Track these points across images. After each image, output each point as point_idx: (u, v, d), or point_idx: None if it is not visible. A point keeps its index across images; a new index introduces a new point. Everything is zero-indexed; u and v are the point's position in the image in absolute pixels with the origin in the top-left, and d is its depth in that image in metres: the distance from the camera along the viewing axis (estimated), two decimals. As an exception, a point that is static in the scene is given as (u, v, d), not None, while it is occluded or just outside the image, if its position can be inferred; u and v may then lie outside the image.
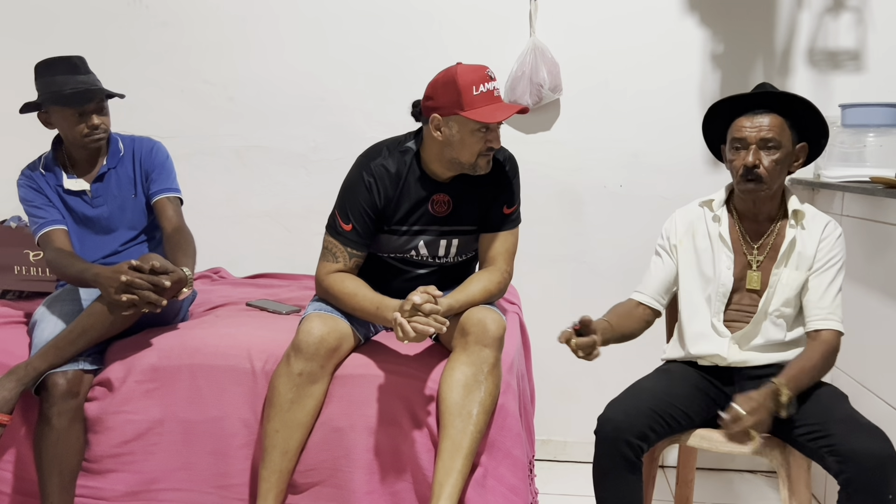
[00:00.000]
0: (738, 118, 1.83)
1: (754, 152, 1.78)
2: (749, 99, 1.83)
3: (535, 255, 2.72)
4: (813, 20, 2.58)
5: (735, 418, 1.66)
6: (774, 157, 1.78)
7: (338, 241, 1.94)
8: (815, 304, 1.81)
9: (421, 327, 1.71)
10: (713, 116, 1.91)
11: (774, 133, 1.78)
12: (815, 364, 1.76)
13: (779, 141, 1.78)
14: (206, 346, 1.99)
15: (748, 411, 1.65)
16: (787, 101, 1.81)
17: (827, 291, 1.81)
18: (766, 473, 2.72)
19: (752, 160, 1.77)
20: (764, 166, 1.78)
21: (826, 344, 1.78)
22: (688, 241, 1.94)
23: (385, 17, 2.72)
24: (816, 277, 1.83)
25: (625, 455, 1.67)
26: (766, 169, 1.78)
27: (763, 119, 1.79)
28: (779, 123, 1.79)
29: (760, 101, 1.82)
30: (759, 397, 1.67)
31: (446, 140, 1.86)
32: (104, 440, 1.94)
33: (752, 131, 1.79)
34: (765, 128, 1.78)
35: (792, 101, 1.80)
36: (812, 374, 1.75)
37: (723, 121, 1.88)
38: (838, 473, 1.59)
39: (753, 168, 1.78)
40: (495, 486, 1.83)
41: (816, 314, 1.81)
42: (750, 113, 1.81)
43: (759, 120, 1.79)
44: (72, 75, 2.05)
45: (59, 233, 2.10)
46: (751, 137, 1.78)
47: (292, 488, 1.89)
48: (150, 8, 2.79)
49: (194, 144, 2.82)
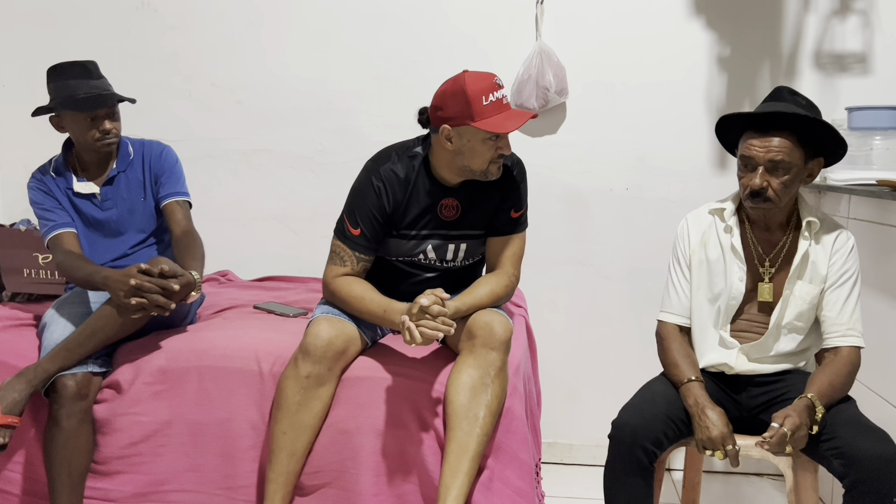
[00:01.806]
0: (749, 133, 1.76)
1: (762, 174, 1.72)
2: (761, 117, 1.76)
3: (542, 258, 2.72)
4: (819, 23, 2.57)
5: (781, 439, 1.60)
6: (783, 179, 1.72)
7: (346, 244, 1.94)
8: (833, 320, 1.79)
9: (428, 331, 1.71)
10: (726, 124, 1.84)
11: (784, 155, 1.71)
12: (843, 380, 1.73)
13: (788, 163, 1.71)
14: (214, 349, 2.00)
15: (791, 429, 1.60)
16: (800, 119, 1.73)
17: (845, 306, 1.79)
18: (772, 476, 2.72)
19: (760, 183, 1.72)
20: (772, 188, 1.73)
21: (850, 362, 1.76)
22: (700, 252, 1.90)
23: (392, 21, 2.73)
24: (832, 293, 1.80)
25: (639, 460, 1.67)
26: (774, 191, 1.73)
27: (773, 139, 1.71)
28: (789, 144, 1.71)
29: (772, 119, 1.74)
30: (797, 415, 1.62)
31: (457, 149, 1.86)
32: (113, 442, 1.95)
33: (760, 151, 1.72)
34: (774, 149, 1.71)
35: (805, 122, 1.72)
36: (841, 390, 1.73)
37: (737, 125, 1.82)
38: (843, 476, 1.58)
39: (760, 191, 1.74)
40: (501, 489, 1.83)
41: (835, 330, 1.79)
42: (760, 131, 1.74)
43: (769, 140, 1.71)
44: (84, 80, 2.07)
45: (69, 236, 2.12)
46: (759, 158, 1.72)
47: (299, 490, 1.90)
48: (159, 12, 2.81)
49: (202, 148, 2.83)
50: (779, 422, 1.62)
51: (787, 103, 1.77)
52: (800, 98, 1.78)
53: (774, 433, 1.61)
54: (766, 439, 1.62)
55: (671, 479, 2.68)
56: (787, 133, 1.72)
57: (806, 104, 1.77)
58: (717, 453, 1.68)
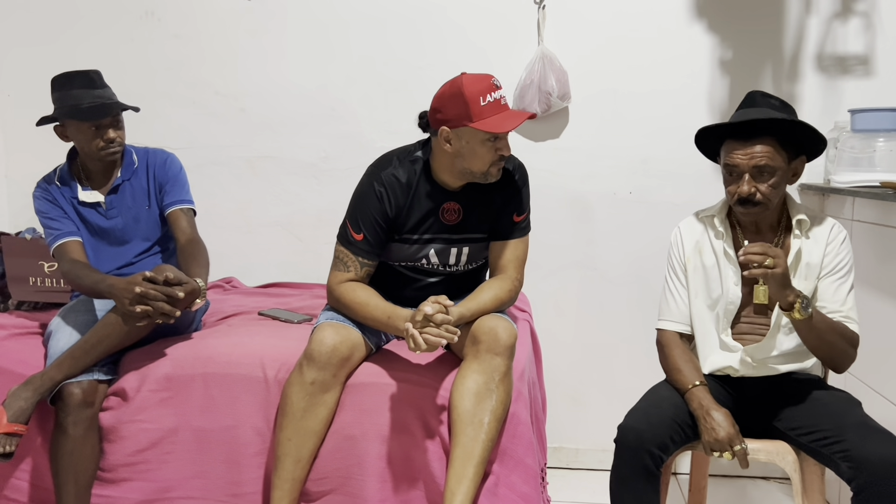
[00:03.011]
0: (730, 143, 1.77)
1: (748, 181, 1.73)
2: (736, 126, 1.76)
3: (545, 262, 2.72)
4: (821, 25, 2.58)
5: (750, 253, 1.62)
6: (770, 182, 1.74)
7: (349, 250, 1.95)
8: (828, 310, 1.79)
9: (433, 338, 1.71)
10: (705, 134, 1.84)
11: (767, 160, 1.72)
12: (839, 328, 1.73)
13: (773, 167, 1.72)
14: (219, 355, 2.00)
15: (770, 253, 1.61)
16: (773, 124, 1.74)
17: (837, 294, 1.80)
18: (779, 480, 2.71)
19: (748, 189, 1.73)
20: (761, 192, 1.74)
21: (849, 333, 1.76)
22: (696, 258, 1.91)
23: (394, 27, 2.74)
24: (827, 281, 1.81)
25: (646, 465, 1.66)
26: (763, 195, 1.74)
27: (755, 146, 1.72)
28: (771, 148, 1.72)
29: (751, 125, 1.74)
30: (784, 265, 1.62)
31: (456, 151, 1.87)
32: (119, 449, 1.96)
33: (744, 159, 1.73)
34: (757, 155, 1.72)
35: (778, 124, 1.73)
36: (831, 325, 1.73)
37: (715, 135, 1.82)
38: (851, 479, 1.58)
39: (749, 197, 1.74)
40: (507, 494, 1.83)
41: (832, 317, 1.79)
42: (741, 139, 1.74)
43: (750, 147, 1.72)
44: (88, 89, 2.08)
45: (74, 244, 2.13)
46: (743, 165, 1.73)
47: (305, 496, 1.90)
48: (163, 21, 2.83)
49: (206, 155, 2.85)
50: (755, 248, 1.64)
51: (761, 108, 1.78)
52: (773, 100, 1.80)
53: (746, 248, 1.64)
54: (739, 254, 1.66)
55: (677, 483, 2.68)
56: (768, 137, 1.73)
57: (780, 105, 1.79)
58: (726, 454, 1.68)
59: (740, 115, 1.78)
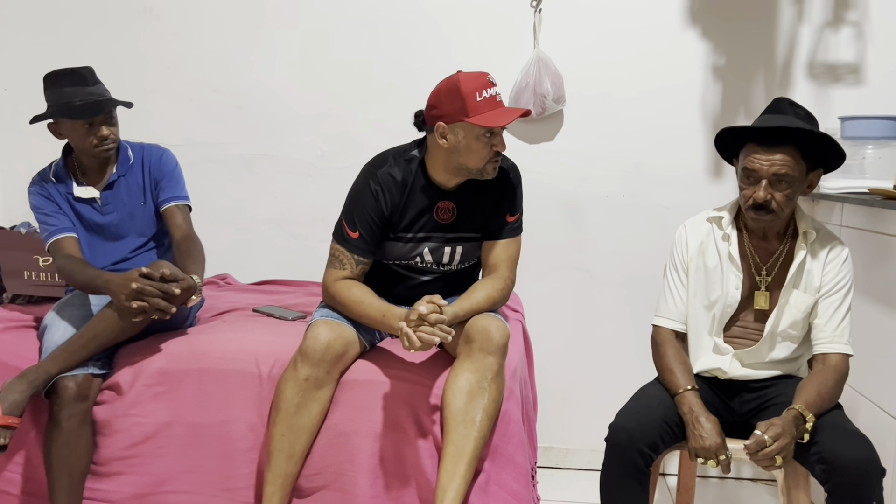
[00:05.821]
0: (752, 147, 1.76)
1: (766, 188, 1.73)
2: (760, 131, 1.76)
3: (538, 263, 2.74)
4: (813, 34, 2.61)
5: (760, 445, 1.61)
6: (786, 192, 1.74)
7: (345, 248, 1.97)
8: (821, 327, 1.81)
9: (427, 337, 1.73)
10: (728, 135, 1.84)
11: (788, 168, 1.72)
12: (830, 389, 1.74)
13: (792, 176, 1.73)
14: (213, 351, 2.01)
15: (773, 437, 1.61)
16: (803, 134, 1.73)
17: (834, 315, 1.81)
18: (766, 481, 2.74)
19: (764, 196, 1.74)
20: (776, 201, 1.75)
21: (837, 369, 1.77)
22: (699, 259, 1.92)
23: (391, 28, 2.75)
24: (824, 301, 1.82)
25: (636, 464, 1.68)
26: (777, 203, 1.75)
27: (776, 154, 1.72)
28: (791, 158, 1.73)
29: (775, 132, 1.74)
30: (782, 423, 1.63)
31: (452, 147, 1.89)
32: (112, 443, 1.97)
33: (765, 164, 1.73)
34: (777, 162, 1.72)
35: (808, 136, 1.73)
36: (830, 399, 1.73)
37: (737, 136, 1.82)
38: (825, 481, 1.61)
39: (764, 203, 1.75)
40: (498, 492, 1.85)
41: (823, 337, 1.81)
42: (764, 145, 1.74)
43: (772, 154, 1.73)
44: (80, 87, 2.07)
45: (70, 240, 2.13)
46: (763, 171, 1.73)
47: (297, 492, 1.91)
48: (161, 18, 2.83)
49: (202, 152, 2.85)
50: (762, 429, 1.63)
51: (788, 116, 1.77)
52: (799, 109, 1.79)
53: (754, 440, 1.62)
54: (747, 445, 1.64)
55: (665, 483, 2.70)
56: (791, 146, 1.73)
57: (805, 116, 1.78)
58: (710, 462, 1.70)
59: (766, 121, 1.77)
